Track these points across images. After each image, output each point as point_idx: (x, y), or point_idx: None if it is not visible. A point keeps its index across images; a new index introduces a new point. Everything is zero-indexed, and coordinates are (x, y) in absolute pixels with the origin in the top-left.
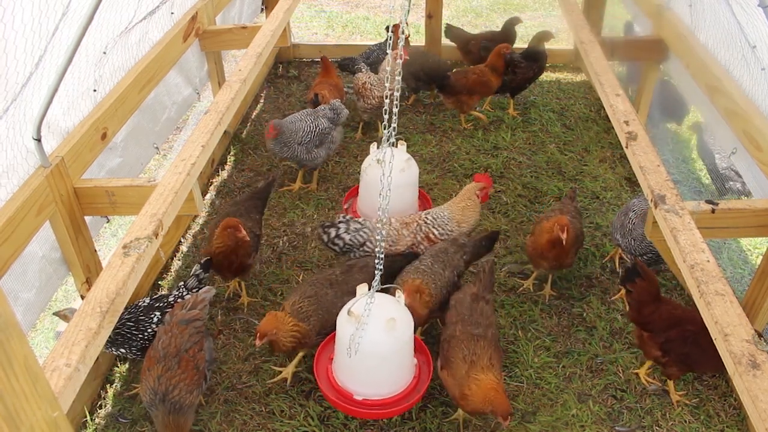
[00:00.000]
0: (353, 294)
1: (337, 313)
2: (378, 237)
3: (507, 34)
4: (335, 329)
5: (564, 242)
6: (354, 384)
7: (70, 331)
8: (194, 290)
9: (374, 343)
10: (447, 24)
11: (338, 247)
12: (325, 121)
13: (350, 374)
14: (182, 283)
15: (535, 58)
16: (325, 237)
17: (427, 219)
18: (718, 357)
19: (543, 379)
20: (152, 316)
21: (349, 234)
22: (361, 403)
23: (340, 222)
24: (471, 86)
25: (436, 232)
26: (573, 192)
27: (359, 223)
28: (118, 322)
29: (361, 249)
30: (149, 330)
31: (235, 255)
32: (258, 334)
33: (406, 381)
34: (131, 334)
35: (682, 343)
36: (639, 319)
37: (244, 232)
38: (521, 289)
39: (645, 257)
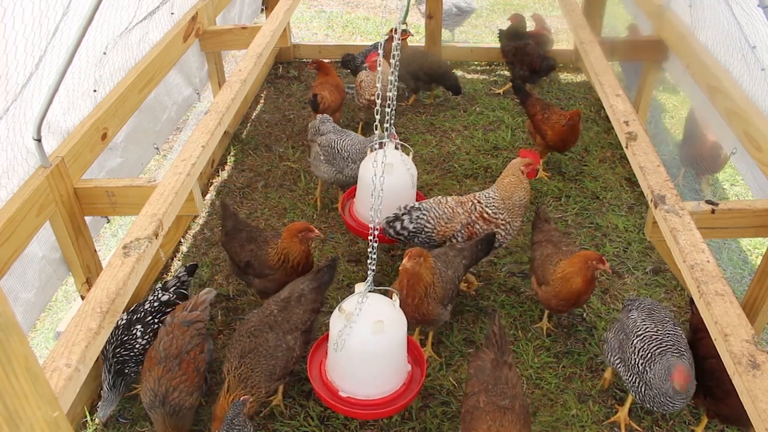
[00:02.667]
0: (296, 331)
1: (283, 357)
2: (370, 237)
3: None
4: (286, 371)
5: (609, 271)
6: (340, 380)
7: (70, 331)
8: (173, 288)
9: (360, 343)
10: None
11: (403, 236)
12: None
13: (337, 370)
14: (159, 285)
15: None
16: (391, 231)
17: (481, 198)
18: (739, 408)
19: (543, 379)
20: (134, 330)
21: (412, 222)
22: (344, 400)
23: (403, 214)
24: (531, 115)
25: (489, 211)
26: (545, 213)
27: (418, 208)
28: (109, 353)
29: (422, 233)
30: (137, 346)
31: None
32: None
33: (393, 385)
34: (123, 358)
35: (709, 375)
36: (691, 340)
37: (316, 230)
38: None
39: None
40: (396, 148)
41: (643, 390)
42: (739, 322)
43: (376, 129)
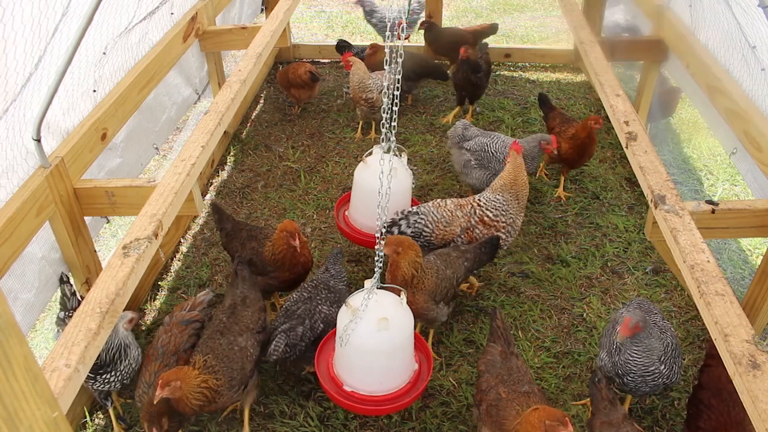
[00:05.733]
0: (246, 333)
1: (239, 359)
2: (378, 235)
3: None
4: (246, 379)
5: None
6: (345, 374)
7: (69, 331)
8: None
9: (364, 339)
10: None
11: None
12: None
13: (342, 364)
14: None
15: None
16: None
17: (481, 202)
18: None
19: (543, 380)
20: None
21: (410, 227)
22: (349, 395)
23: (400, 219)
24: (549, 129)
25: (490, 214)
26: (610, 392)
27: (415, 213)
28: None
29: (421, 237)
30: None
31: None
32: (159, 383)
33: (397, 383)
34: None
35: (705, 413)
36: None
37: (297, 242)
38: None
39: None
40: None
41: (618, 365)
42: (739, 323)
43: (382, 127)
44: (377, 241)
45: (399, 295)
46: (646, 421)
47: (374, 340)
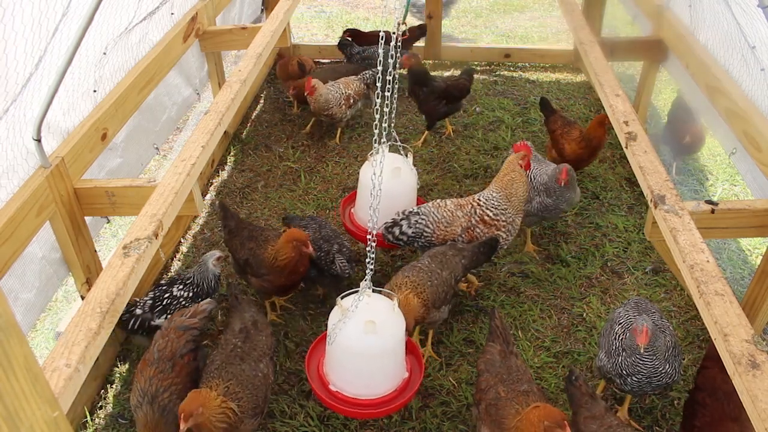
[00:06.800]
0: (264, 359)
1: (263, 387)
2: (369, 237)
3: None
4: (266, 401)
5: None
6: (331, 373)
7: (70, 331)
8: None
9: (348, 340)
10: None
11: (402, 241)
12: None
13: (330, 363)
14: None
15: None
16: (390, 236)
17: (480, 201)
18: None
19: (543, 380)
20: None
21: (411, 227)
22: (332, 394)
23: (401, 219)
24: (551, 131)
25: (490, 214)
26: (587, 386)
27: (416, 213)
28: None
29: (422, 237)
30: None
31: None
32: (182, 415)
33: (382, 389)
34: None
35: (701, 411)
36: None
37: (311, 248)
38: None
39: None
40: (399, 151)
41: (624, 366)
42: (739, 322)
43: (375, 128)
44: (368, 240)
45: (393, 300)
46: (645, 420)
47: (362, 343)
